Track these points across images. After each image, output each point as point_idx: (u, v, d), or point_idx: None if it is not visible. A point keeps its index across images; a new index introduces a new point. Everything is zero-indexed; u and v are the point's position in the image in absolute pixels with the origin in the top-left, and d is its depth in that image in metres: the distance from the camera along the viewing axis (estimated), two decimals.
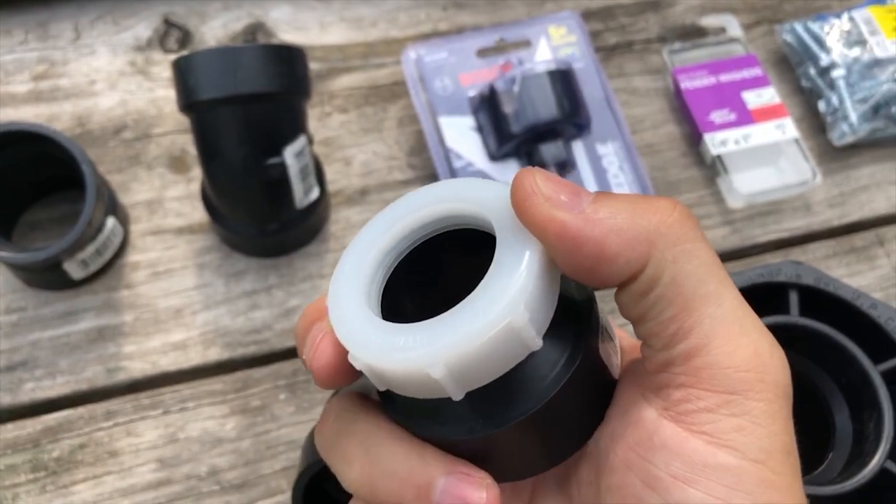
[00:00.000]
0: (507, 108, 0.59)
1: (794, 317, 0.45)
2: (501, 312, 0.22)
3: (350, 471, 0.26)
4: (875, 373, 0.43)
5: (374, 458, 0.25)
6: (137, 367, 0.55)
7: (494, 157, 0.61)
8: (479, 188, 0.25)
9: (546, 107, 0.59)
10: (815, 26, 0.67)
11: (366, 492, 0.25)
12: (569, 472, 0.27)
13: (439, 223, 0.26)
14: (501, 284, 0.22)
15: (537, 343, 0.23)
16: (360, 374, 0.25)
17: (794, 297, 0.46)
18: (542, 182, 0.23)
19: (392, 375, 0.23)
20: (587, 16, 0.69)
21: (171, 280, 0.58)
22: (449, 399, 0.23)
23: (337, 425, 0.26)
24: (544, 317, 0.23)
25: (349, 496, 0.50)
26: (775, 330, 0.44)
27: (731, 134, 0.64)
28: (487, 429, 0.23)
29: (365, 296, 0.25)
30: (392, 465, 0.25)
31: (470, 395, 0.23)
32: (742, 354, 0.22)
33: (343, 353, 0.25)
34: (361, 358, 0.23)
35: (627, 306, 0.24)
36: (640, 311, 0.23)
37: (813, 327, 0.44)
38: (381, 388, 0.25)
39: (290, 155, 0.53)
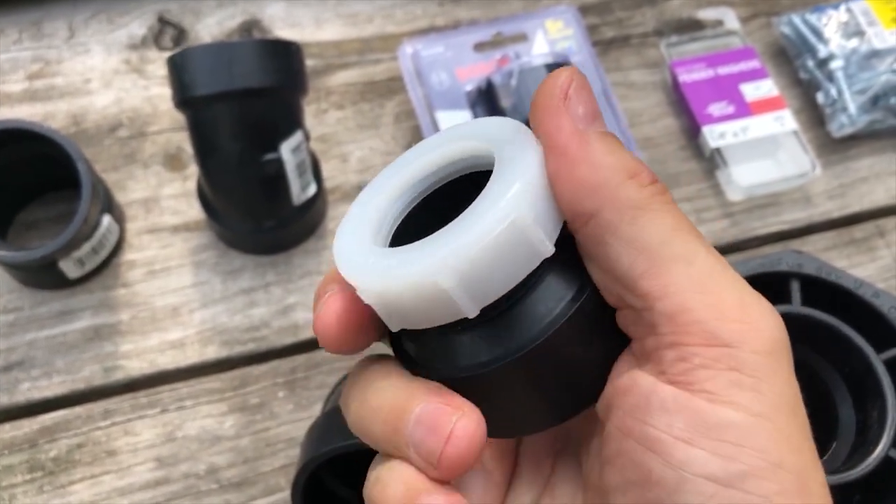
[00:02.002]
0: (505, 101, 0.59)
1: (795, 306, 0.45)
2: (505, 209, 0.21)
3: (348, 413, 0.25)
4: (878, 362, 0.43)
5: (366, 396, 0.24)
6: (135, 366, 0.54)
7: None
8: (492, 124, 0.25)
9: None
10: (812, 18, 0.67)
11: (358, 430, 0.25)
12: (580, 448, 0.26)
13: (453, 166, 0.26)
14: (503, 186, 0.22)
15: (548, 248, 0.22)
16: (369, 337, 0.25)
17: (795, 287, 0.45)
18: (575, 86, 0.23)
19: (401, 298, 0.22)
20: (584, 10, 0.69)
21: (167, 278, 0.57)
22: (458, 327, 0.23)
23: (350, 380, 0.26)
24: (552, 224, 0.23)
25: (348, 492, 0.50)
26: None
27: (730, 126, 0.63)
28: (498, 360, 0.23)
29: (372, 236, 0.24)
30: (379, 400, 0.24)
31: (483, 315, 0.22)
32: (727, 306, 0.21)
33: (352, 311, 0.24)
34: (368, 286, 0.23)
35: (589, 253, 0.23)
36: (606, 264, 0.22)
37: (815, 317, 0.44)
38: (394, 327, 0.24)
39: (287, 150, 0.53)
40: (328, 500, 0.48)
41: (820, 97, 0.65)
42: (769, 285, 0.46)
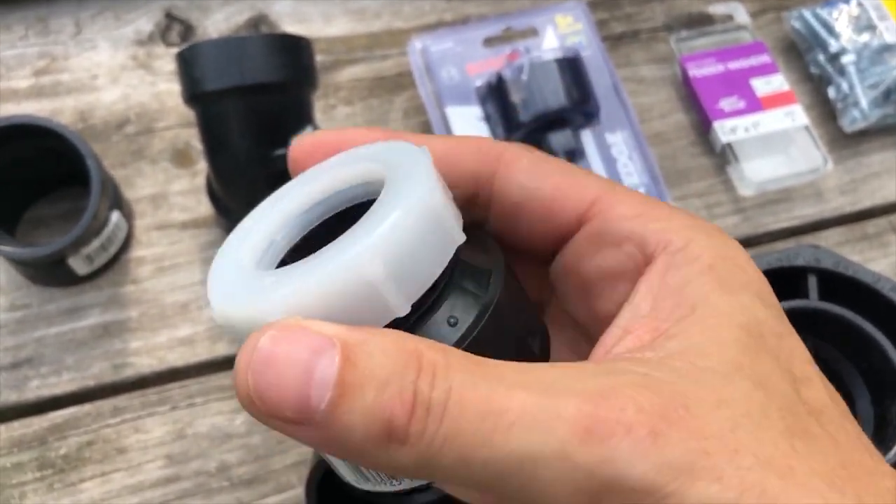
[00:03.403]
0: (515, 96, 0.58)
1: (813, 301, 0.44)
2: (350, 262, 0.19)
3: None
4: None
5: None
6: (144, 363, 0.54)
7: None
8: (392, 148, 0.23)
9: (554, 95, 0.58)
10: (823, 12, 0.67)
11: None
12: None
13: (345, 193, 0.24)
14: (366, 228, 0.20)
15: (404, 308, 0.20)
16: None
17: (812, 282, 0.45)
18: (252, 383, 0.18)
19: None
20: (593, 5, 0.69)
21: (176, 275, 0.57)
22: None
23: None
24: (419, 277, 0.21)
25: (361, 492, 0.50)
26: (794, 315, 0.44)
27: (741, 122, 0.63)
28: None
29: (255, 262, 0.23)
30: None
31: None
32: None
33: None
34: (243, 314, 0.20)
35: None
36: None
37: (833, 312, 0.44)
38: None
39: None
40: (341, 498, 0.48)
41: (831, 92, 0.65)
42: (786, 280, 0.46)
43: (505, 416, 0.17)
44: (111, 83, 0.63)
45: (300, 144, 0.26)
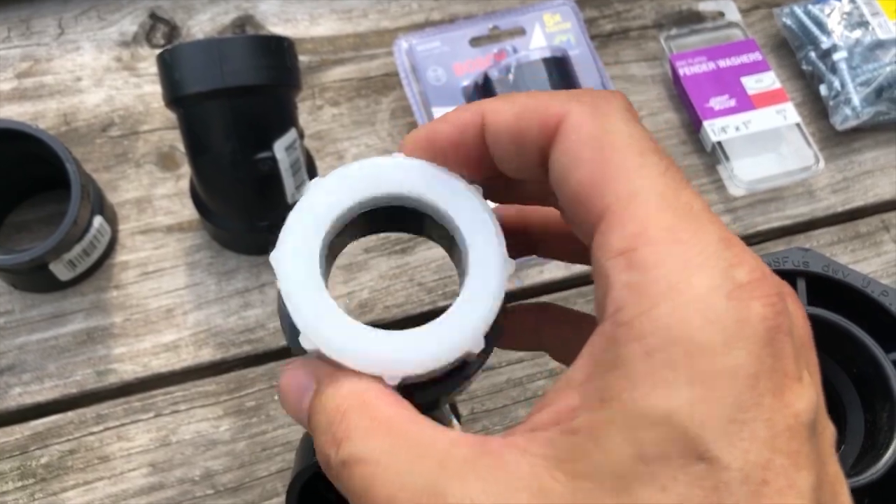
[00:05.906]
0: None
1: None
2: (461, 344, 0.25)
3: None
4: (887, 362, 0.42)
5: None
6: (128, 370, 0.53)
7: None
8: (435, 180, 0.27)
9: None
10: (815, 9, 0.66)
11: None
12: None
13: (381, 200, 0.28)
14: (469, 318, 0.25)
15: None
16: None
17: (801, 286, 0.44)
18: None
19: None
20: (582, 3, 0.68)
21: (161, 280, 0.56)
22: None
23: None
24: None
25: (344, 499, 0.49)
26: None
27: (732, 120, 0.62)
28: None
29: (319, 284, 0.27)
30: None
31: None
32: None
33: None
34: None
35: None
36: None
37: (822, 316, 0.43)
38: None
39: (281, 149, 0.52)
40: None
41: (823, 89, 0.64)
42: None
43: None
44: (95, 85, 0.62)
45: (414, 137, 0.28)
